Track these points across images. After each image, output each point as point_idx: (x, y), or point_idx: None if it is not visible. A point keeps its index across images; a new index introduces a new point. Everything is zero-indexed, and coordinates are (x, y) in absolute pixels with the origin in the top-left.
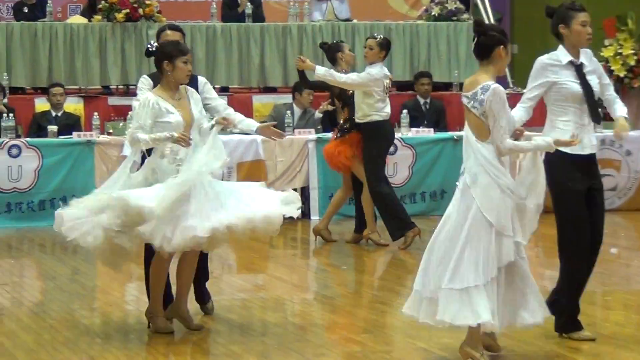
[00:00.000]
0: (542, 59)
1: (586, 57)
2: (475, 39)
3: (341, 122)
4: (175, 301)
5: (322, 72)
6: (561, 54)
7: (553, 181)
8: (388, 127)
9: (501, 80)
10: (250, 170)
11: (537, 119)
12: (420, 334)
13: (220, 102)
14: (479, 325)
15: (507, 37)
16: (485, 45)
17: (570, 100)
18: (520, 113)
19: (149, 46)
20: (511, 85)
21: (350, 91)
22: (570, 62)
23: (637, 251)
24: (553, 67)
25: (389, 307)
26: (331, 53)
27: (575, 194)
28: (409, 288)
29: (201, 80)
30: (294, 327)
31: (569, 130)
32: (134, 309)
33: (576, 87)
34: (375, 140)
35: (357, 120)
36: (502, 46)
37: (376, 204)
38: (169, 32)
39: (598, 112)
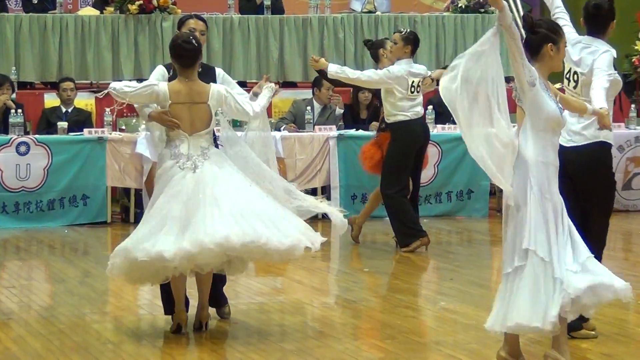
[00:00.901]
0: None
1: None
2: (525, 36)
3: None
4: (197, 308)
5: (334, 70)
6: None
7: (611, 173)
8: (415, 127)
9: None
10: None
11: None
12: (446, 339)
13: (238, 88)
14: None
15: (558, 32)
16: (532, 42)
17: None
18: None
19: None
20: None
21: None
22: None
23: None
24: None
25: (413, 312)
26: (374, 50)
27: None
28: (434, 292)
29: (219, 72)
30: (314, 333)
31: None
32: (147, 313)
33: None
34: (399, 141)
35: (385, 120)
36: (550, 43)
37: (386, 208)
38: (192, 21)
39: None
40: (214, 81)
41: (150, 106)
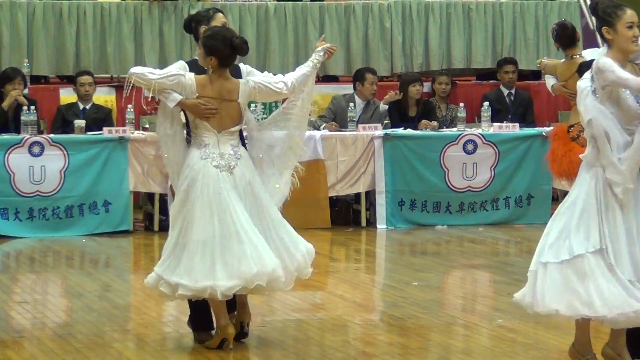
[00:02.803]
0: None
1: None
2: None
3: None
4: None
5: None
6: None
7: None
8: None
9: None
10: (308, 172)
11: None
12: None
13: (268, 74)
14: None
15: (614, 13)
16: (598, 31)
17: None
18: None
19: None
20: None
21: None
22: None
23: None
24: None
25: (467, 330)
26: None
27: None
28: (491, 308)
29: (243, 68)
30: (357, 353)
31: None
32: (172, 331)
33: None
34: None
35: None
36: (605, 27)
37: None
38: (220, 14)
39: None
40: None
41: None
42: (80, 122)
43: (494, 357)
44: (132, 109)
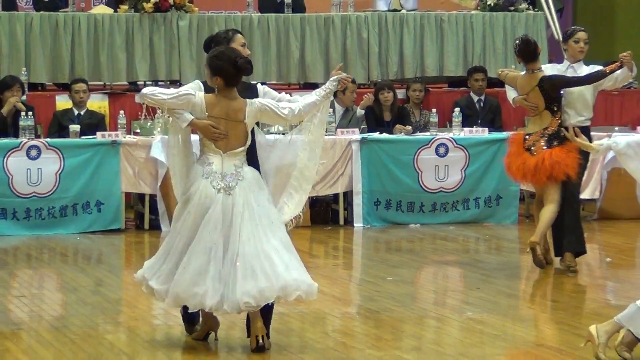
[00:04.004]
0: None
1: None
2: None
3: None
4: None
5: None
6: None
7: None
8: None
9: None
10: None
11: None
12: (473, 351)
13: (284, 96)
14: None
15: None
16: None
17: None
18: None
19: None
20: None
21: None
22: None
23: None
24: None
25: (438, 322)
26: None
27: None
28: (461, 301)
29: (260, 88)
30: (335, 344)
31: None
32: (162, 324)
33: None
34: None
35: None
36: None
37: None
38: (240, 35)
39: None
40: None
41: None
42: (75, 127)
43: (463, 347)
44: (124, 115)
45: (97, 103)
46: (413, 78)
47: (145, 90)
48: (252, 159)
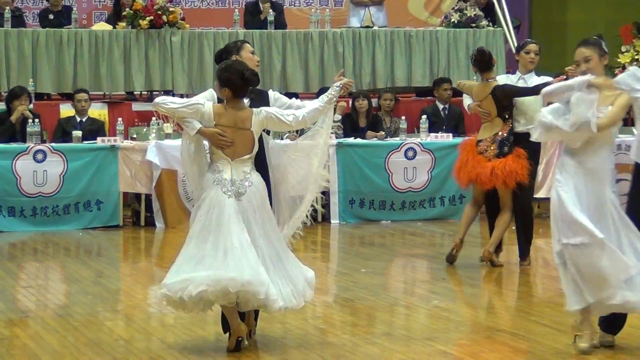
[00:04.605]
0: (631, 68)
1: None
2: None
3: None
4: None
5: None
6: None
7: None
8: None
9: None
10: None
11: None
12: (439, 336)
13: (294, 101)
14: None
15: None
16: None
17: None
18: None
19: None
20: None
21: None
22: None
23: None
24: (634, 78)
25: (408, 310)
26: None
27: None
28: (428, 291)
29: (271, 94)
30: (315, 330)
31: None
32: (156, 312)
33: None
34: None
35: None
36: None
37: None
38: (248, 45)
39: None
40: (268, 104)
41: (197, 120)
42: (77, 133)
43: (430, 332)
44: (122, 122)
45: (98, 111)
46: (384, 88)
47: (157, 100)
48: (261, 166)
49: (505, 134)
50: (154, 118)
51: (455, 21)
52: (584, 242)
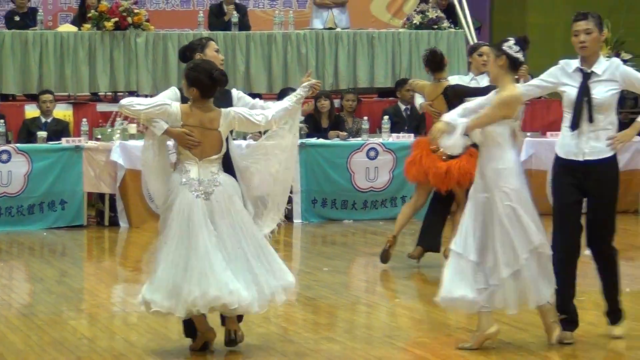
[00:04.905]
0: (561, 62)
1: (608, 67)
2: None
3: None
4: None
5: None
6: (574, 62)
7: (551, 183)
8: None
9: None
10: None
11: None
12: (400, 334)
13: (257, 101)
14: None
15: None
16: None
17: (569, 107)
18: None
19: None
20: None
21: None
22: (579, 70)
23: None
24: (563, 71)
25: (369, 308)
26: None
27: (560, 200)
28: (390, 290)
29: (234, 93)
30: (277, 328)
31: (567, 136)
32: (120, 310)
33: (573, 94)
34: None
35: None
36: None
37: None
38: (213, 42)
39: (578, 121)
40: (231, 104)
41: (164, 120)
42: (42, 134)
43: (391, 330)
44: (86, 122)
45: (63, 112)
46: (347, 89)
47: (123, 102)
48: (229, 167)
49: None
50: (118, 119)
51: (417, 23)
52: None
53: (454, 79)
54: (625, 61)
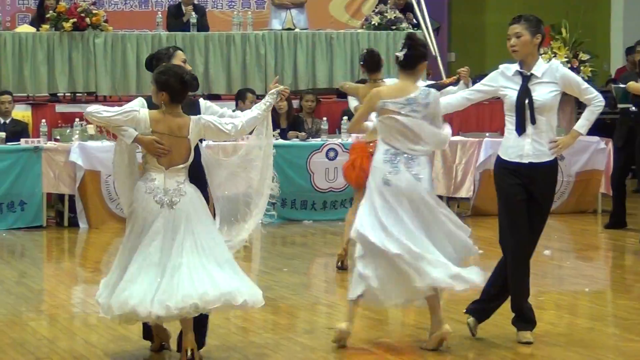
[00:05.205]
0: (501, 66)
1: (547, 69)
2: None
3: None
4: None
5: None
6: (513, 66)
7: (495, 186)
8: None
9: None
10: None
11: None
12: (359, 334)
13: (226, 111)
14: None
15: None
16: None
17: (511, 110)
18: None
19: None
20: None
21: None
22: (518, 72)
23: (569, 253)
24: (503, 75)
25: (329, 309)
26: None
27: (508, 199)
28: (348, 289)
29: (203, 103)
30: (236, 328)
31: (510, 138)
32: (80, 311)
33: (514, 97)
34: None
35: None
36: (425, 61)
37: None
38: (180, 52)
39: (523, 124)
40: (199, 113)
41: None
42: (0, 134)
43: (356, 332)
44: (45, 123)
45: (21, 113)
46: (306, 90)
47: (90, 109)
48: (198, 176)
49: None
50: (77, 119)
51: (376, 23)
52: None
53: (389, 81)
54: (583, 62)
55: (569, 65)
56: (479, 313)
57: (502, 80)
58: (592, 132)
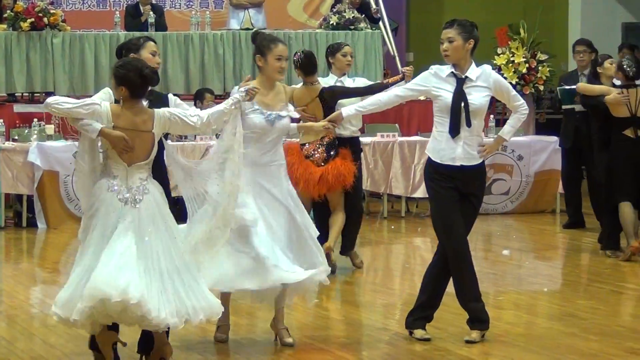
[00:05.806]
0: (432, 67)
1: (481, 73)
2: None
3: None
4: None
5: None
6: (446, 67)
7: (427, 189)
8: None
9: None
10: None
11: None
12: (319, 334)
13: (194, 109)
14: None
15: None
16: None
17: (444, 112)
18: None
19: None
20: None
21: None
22: (452, 75)
23: (528, 253)
24: (436, 76)
25: (288, 309)
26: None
27: (442, 202)
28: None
29: (171, 98)
30: (197, 329)
31: (442, 141)
32: (38, 312)
33: (449, 99)
34: None
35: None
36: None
37: None
38: (152, 43)
39: (457, 126)
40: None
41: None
42: None
43: (311, 330)
44: (3, 123)
45: None
46: None
47: (49, 100)
48: (160, 171)
49: (331, 139)
50: (35, 119)
51: (334, 23)
52: None
53: (322, 80)
54: (541, 61)
55: (527, 65)
56: (420, 321)
57: (435, 81)
58: (550, 132)
